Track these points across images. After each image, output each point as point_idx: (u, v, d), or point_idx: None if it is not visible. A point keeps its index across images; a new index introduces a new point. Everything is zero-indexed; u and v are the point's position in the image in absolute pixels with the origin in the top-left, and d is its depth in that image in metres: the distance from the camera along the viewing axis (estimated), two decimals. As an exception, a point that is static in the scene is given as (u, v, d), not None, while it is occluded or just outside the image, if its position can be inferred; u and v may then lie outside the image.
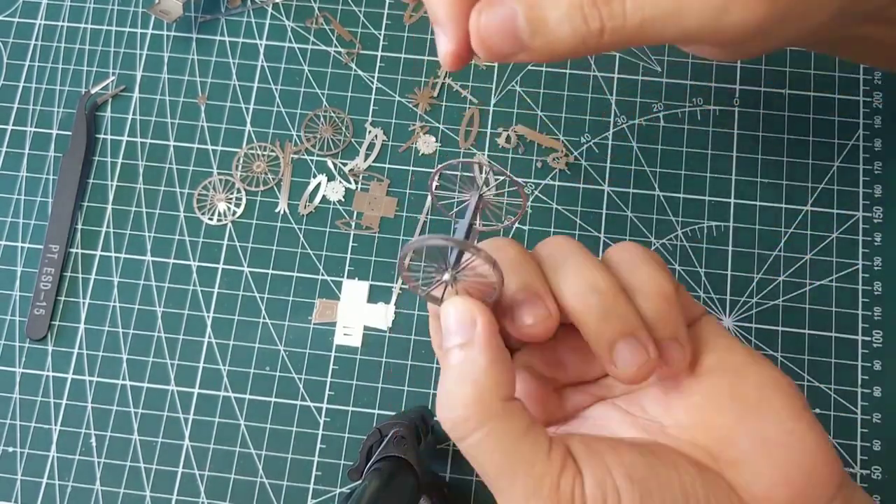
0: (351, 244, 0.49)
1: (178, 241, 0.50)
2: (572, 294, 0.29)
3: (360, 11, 0.53)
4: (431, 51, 0.52)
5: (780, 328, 0.47)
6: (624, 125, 0.51)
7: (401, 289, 0.48)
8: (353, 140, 0.51)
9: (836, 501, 0.29)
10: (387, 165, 0.51)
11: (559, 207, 0.49)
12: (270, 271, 0.49)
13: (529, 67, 0.52)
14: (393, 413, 0.46)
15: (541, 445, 0.28)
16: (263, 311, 0.48)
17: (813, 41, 0.37)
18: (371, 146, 0.51)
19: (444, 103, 0.51)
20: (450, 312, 0.28)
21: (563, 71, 0.52)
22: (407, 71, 0.52)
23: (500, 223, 0.33)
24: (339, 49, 0.53)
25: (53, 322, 0.49)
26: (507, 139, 0.50)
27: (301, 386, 0.47)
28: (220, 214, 0.50)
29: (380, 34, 0.53)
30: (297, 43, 0.53)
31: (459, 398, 0.27)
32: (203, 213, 0.50)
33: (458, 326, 0.28)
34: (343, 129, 0.51)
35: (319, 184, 0.50)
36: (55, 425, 0.47)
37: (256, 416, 0.47)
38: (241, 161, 0.51)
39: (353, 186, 0.50)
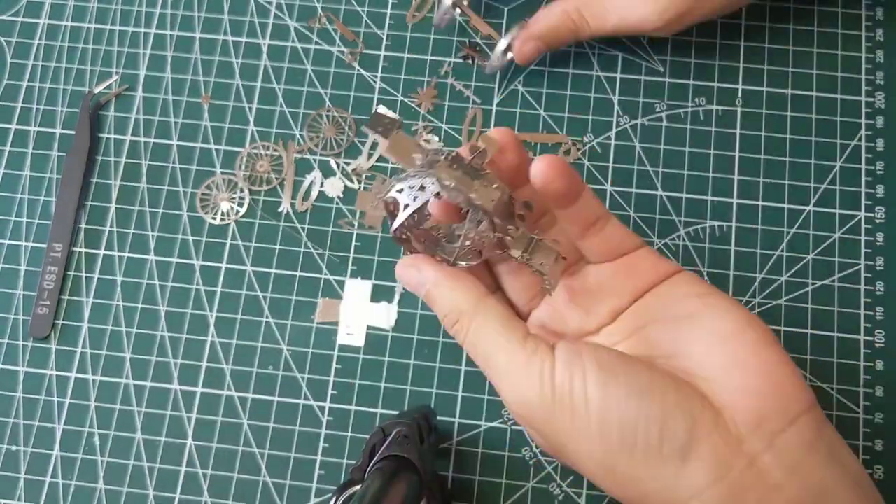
0: (354, 243, 0.49)
1: (181, 240, 0.50)
2: None
3: (363, 11, 0.53)
4: (434, 50, 0.52)
5: (782, 328, 0.47)
6: (627, 125, 0.51)
7: (404, 288, 0.48)
8: (355, 139, 0.51)
9: (806, 418, 0.31)
10: (389, 165, 0.51)
11: (562, 207, 0.49)
12: (273, 270, 0.49)
13: (532, 67, 0.52)
14: (396, 412, 0.46)
15: (515, 333, 0.34)
16: (266, 311, 0.49)
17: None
18: (374, 146, 0.51)
19: (446, 103, 0.51)
20: (401, 277, 0.37)
21: (566, 71, 0.52)
22: (410, 70, 0.52)
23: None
24: (342, 49, 0.53)
25: (57, 321, 0.49)
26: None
27: (304, 385, 0.47)
28: (223, 214, 0.50)
29: (383, 34, 0.53)
30: (300, 42, 0.53)
31: (444, 310, 0.35)
32: (206, 213, 0.50)
33: (415, 284, 0.36)
34: (346, 128, 0.51)
35: (313, 181, 0.50)
36: (58, 424, 0.47)
37: (259, 415, 0.47)
38: (244, 160, 0.51)
39: (354, 185, 0.50)
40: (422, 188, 0.34)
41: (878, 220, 0.48)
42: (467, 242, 0.35)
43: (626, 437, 0.30)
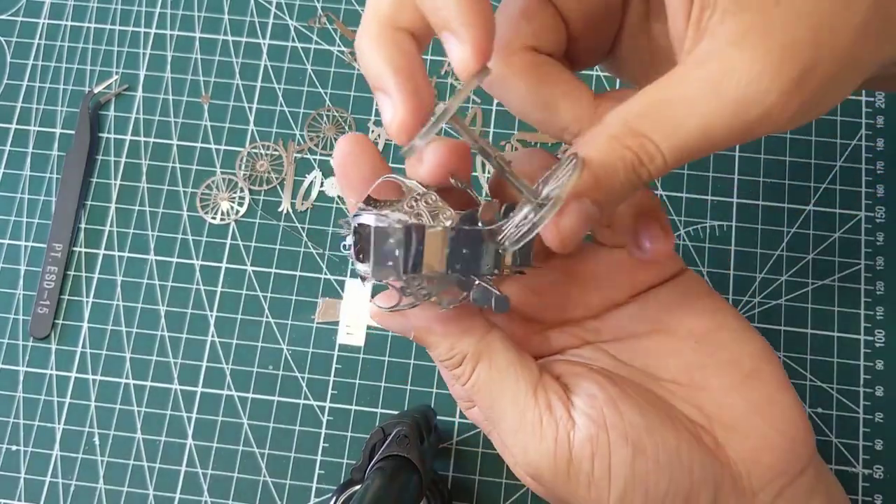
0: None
1: (181, 239, 0.50)
2: None
3: (362, 11, 0.53)
4: (433, 51, 0.52)
5: (782, 328, 0.47)
6: (626, 125, 0.51)
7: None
8: (355, 139, 0.51)
9: (809, 470, 0.31)
10: (390, 164, 0.50)
11: (562, 207, 0.49)
12: (273, 270, 0.49)
13: (532, 67, 0.52)
14: (396, 412, 0.46)
15: (526, 381, 0.30)
16: (267, 310, 0.49)
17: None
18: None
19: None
20: (381, 324, 0.32)
21: (566, 70, 0.52)
22: (410, 70, 0.52)
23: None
24: (342, 48, 0.53)
25: (57, 321, 0.49)
26: (513, 150, 0.50)
27: (304, 385, 0.47)
28: (223, 213, 0.50)
29: (383, 33, 0.53)
30: (300, 42, 0.53)
31: (441, 355, 0.31)
32: (206, 213, 0.50)
33: (399, 329, 0.31)
34: (346, 128, 0.51)
35: (313, 181, 0.50)
36: (59, 424, 0.47)
37: (259, 415, 0.47)
38: (244, 160, 0.51)
39: (355, 186, 0.50)
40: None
41: (878, 220, 0.48)
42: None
43: None
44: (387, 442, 0.40)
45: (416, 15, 0.27)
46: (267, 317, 0.48)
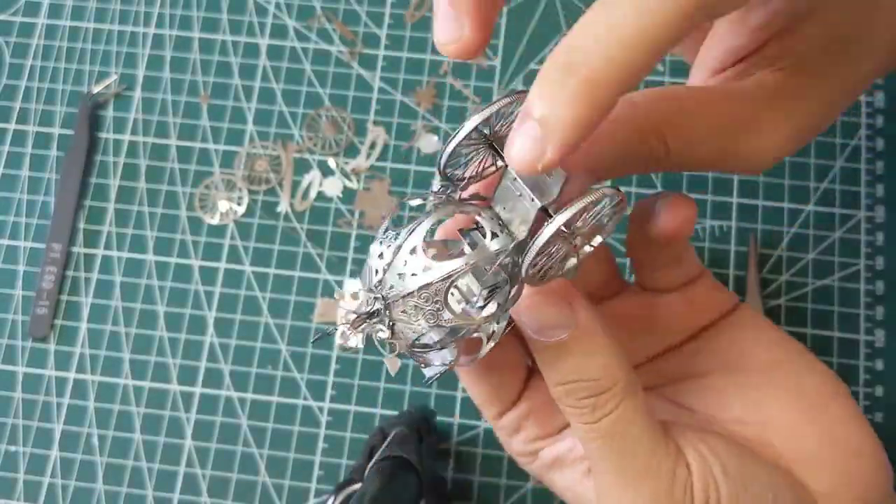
0: (353, 244, 0.49)
1: (179, 240, 0.50)
2: None
3: (361, 10, 0.53)
4: (433, 49, 0.52)
5: (782, 327, 0.47)
6: (626, 124, 0.50)
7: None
8: (354, 139, 0.51)
9: (889, 501, 0.30)
10: (389, 164, 0.50)
11: (561, 207, 0.49)
12: (272, 270, 0.49)
13: (532, 66, 0.52)
14: (395, 412, 0.46)
15: (658, 428, 0.27)
16: (265, 311, 0.48)
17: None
18: (373, 145, 0.51)
19: (446, 102, 0.51)
20: (534, 310, 0.27)
21: (565, 70, 0.52)
22: (409, 70, 0.52)
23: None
24: (341, 48, 0.53)
25: (55, 321, 0.49)
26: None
27: (303, 385, 0.47)
28: (221, 214, 0.50)
29: (381, 33, 0.53)
30: (298, 42, 0.53)
31: (589, 372, 0.26)
32: (205, 213, 0.50)
33: (549, 324, 0.27)
34: (345, 128, 0.51)
35: (312, 181, 0.50)
36: (57, 424, 0.47)
37: (258, 416, 0.47)
38: (242, 160, 0.51)
39: (352, 184, 0.50)
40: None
41: (877, 220, 0.48)
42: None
43: None
44: (386, 442, 0.40)
45: None
46: (266, 317, 0.48)
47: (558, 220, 0.24)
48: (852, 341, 0.47)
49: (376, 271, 0.26)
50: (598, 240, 0.26)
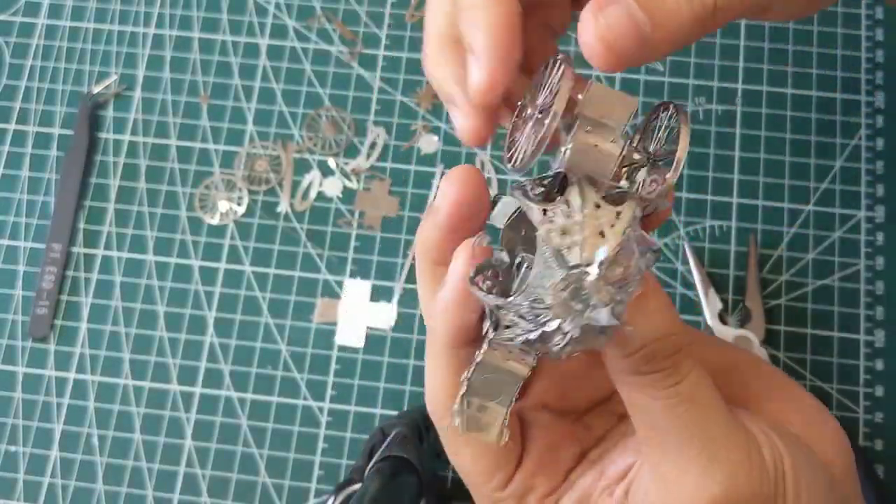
0: (353, 244, 0.49)
1: (179, 240, 0.50)
2: None
3: (361, 10, 0.53)
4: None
5: (782, 328, 0.47)
6: (626, 124, 0.50)
7: (403, 287, 0.48)
8: (354, 139, 0.51)
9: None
10: (389, 165, 0.50)
11: (561, 207, 0.49)
12: (272, 270, 0.49)
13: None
14: (395, 413, 0.46)
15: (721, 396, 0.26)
16: (265, 311, 0.48)
17: None
18: (373, 145, 0.51)
19: (445, 103, 0.51)
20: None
21: (565, 70, 0.52)
22: (409, 70, 0.52)
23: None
24: (341, 48, 0.53)
25: (55, 321, 0.49)
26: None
27: (303, 385, 0.47)
28: (221, 214, 0.50)
29: (381, 33, 0.53)
30: (298, 42, 0.53)
31: (660, 329, 0.25)
32: (205, 213, 0.50)
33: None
34: (345, 128, 0.51)
35: (312, 181, 0.50)
36: (57, 424, 0.47)
37: (258, 416, 0.47)
38: (242, 160, 0.51)
39: (352, 184, 0.50)
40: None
41: (877, 220, 0.48)
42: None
43: None
44: (386, 442, 0.40)
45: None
46: (266, 317, 0.48)
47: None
48: (852, 341, 0.46)
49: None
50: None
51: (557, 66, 0.26)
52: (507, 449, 0.28)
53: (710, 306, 0.45)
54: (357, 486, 0.39)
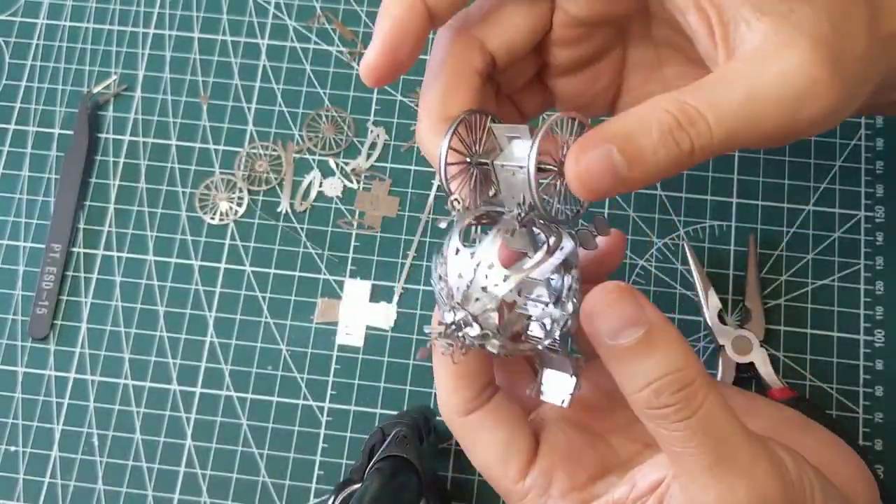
0: (353, 244, 0.49)
1: (179, 240, 0.50)
2: None
3: (361, 11, 0.53)
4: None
5: (782, 327, 0.47)
6: (626, 124, 0.50)
7: (403, 288, 0.48)
8: (354, 139, 0.51)
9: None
10: (389, 165, 0.51)
11: (561, 207, 0.49)
12: (272, 270, 0.49)
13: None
14: (395, 412, 0.46)
15: (743, 424, 0.28)
16: (265, 311, 0.48)
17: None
18: (373, 146, 0.51)
19: (445, 103, 0.51)
20: (607, 308, 0.27)
21: (565, 70, 0.52)
22: (409, 70, 0.52)
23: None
24: (341, 48, 0.53)
25: (55, 321, 0.49)
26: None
27: (303, 385, 0.47)
28: (221, 214, 0.50)
29: (382, 33, 0.53)
30: (298, 42, 0.53)
31: (670, 366, 0.27)
32: (205, 213, 0.50)
33: (628, 319, 0.27)
34: (345, 128, 0.51)
35: (312, 181, 0.50)
36: (57, 424, 0.47)
37: (258, 416, 0.47)
38: (243, 160, 0.51)
39: (353, 184, 0.50)
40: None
41: (877, 220, 0.48)
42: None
43: None
44: (386, 442, 0.40)
45: (464, 107, 0.31)
46: (266, 317, 0.48)
47: (534, 148, 0.28)
48: (852, 341, 0.46)
49: (457, 288, 0.29)
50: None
51: (568, 121, 0.29)
52: (517, 436, 0.31)
53: (709, 306, 0.45)
54: (357, 486, 0.39)
